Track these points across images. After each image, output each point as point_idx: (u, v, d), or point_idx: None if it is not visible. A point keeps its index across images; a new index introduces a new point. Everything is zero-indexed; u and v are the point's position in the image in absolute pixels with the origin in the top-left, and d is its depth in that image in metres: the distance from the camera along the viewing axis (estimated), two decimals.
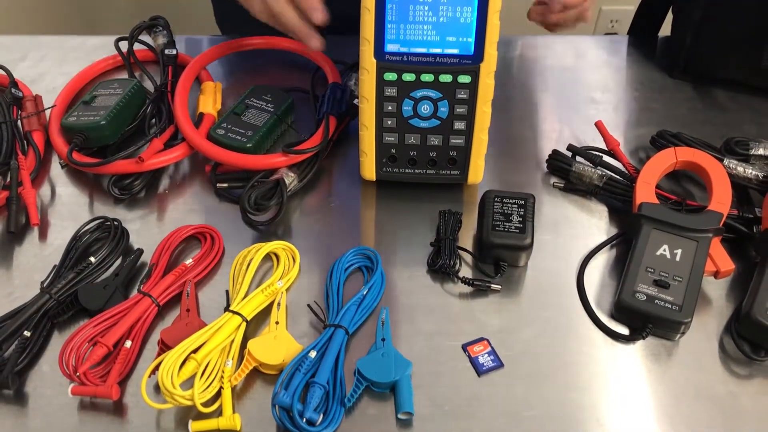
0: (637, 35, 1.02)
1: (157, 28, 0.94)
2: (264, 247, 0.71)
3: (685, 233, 0.70)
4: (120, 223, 0.73)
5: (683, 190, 0.80)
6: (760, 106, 0.90)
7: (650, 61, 0.97)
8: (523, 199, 0.72)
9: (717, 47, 0.89)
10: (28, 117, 0.83)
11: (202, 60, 0.90)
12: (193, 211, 0.78)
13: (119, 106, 0.81)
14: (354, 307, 0.66)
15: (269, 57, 0.96)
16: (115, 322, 0.65)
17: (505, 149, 0.85)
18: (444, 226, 0.74)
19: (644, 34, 1.01)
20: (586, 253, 0.73)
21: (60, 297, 0.66)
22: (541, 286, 0.71)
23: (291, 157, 0.77)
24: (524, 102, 0.92)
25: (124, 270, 0.70)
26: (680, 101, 0.91)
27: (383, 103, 0.71)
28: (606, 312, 0.69)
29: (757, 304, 0.65)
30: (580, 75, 0.96)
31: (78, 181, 0.80)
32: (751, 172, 0.77)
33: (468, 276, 0.70)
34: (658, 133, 0.82)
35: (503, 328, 0.67)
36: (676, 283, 0.67)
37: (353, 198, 0.80)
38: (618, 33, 1.95)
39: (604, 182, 0.77)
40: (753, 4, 0.84)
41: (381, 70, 0.69)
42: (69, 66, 0.93)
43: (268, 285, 0.68)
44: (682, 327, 0.65)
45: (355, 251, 0.72)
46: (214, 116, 0.84)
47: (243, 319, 0.65)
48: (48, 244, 0.74)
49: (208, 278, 0.71)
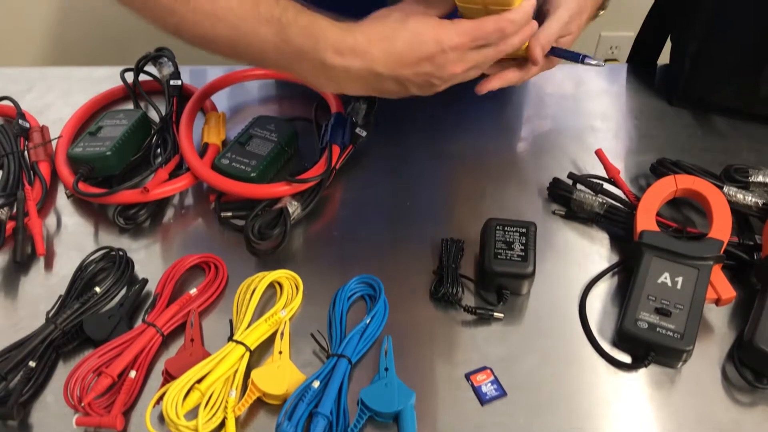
0: (636, 63, 1.03)
1: (163, 59, 0.95)
2: (267, 276, 0.72)
3: (686, 261, 0.70)
4: (125, 252, 0.74)
5: (684, 217, 0.80)
6: (758, 133, 0.91)
7: (649, 88, 0.98)
8: (525, 227, 0.73)
9: (715, 76, 0.90)
10: (35, 148, 0.84)
11: (207, 91, 0.91)
12: (198, 240, 0.79)
13: (125, 137, 0.82)
14: (357, 336, 0.67)
15: (272, 87, 0.97)
16: (119, 352, 0.65)
17: (506, 177, 0.86)
18: (446, 254, 0.74)
19: (643, 62, 1.03)
20: (587, 280, 0.74)
21: (65, 327, 0.67)
22: (543, 314, 0.71)
23: (294, 186, 0.78)
24: (525, 130, 0.93)
25: (129, 300, 0.70)
26: (680, 128, 0.92)
27: None
28: (608, 340, 0.69)
29: (759, 331, 0.65)
30: (580, 103, 0.96)
31: (83, 211, 0.81)
32: (751, 200, 0.77)
33: (471, 304, 0.71)
34: (658, 161, 0.82)
35: (506, 357, 0.68)
36: (678, 310, 0.67)
37: (356, 226, 0.80)
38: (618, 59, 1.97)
39: (605, 210, 0.78)
40: (749, 34, 0.85)
41: None
42: (75, 97, 0.94)
43: (271, 314, 0.68)
44: (684, 355, 0.65)
45: (357, 279, 0.73)
46: (219, 146, 0.85)
47: (246, 349, 0.65)
48: (54, 273, 0.75)
49: (212, 307, 0.72)
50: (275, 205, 0.78)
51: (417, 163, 0.87)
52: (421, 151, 0.89)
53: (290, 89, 0.96)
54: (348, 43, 0.64)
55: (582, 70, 1.02)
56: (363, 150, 0.86)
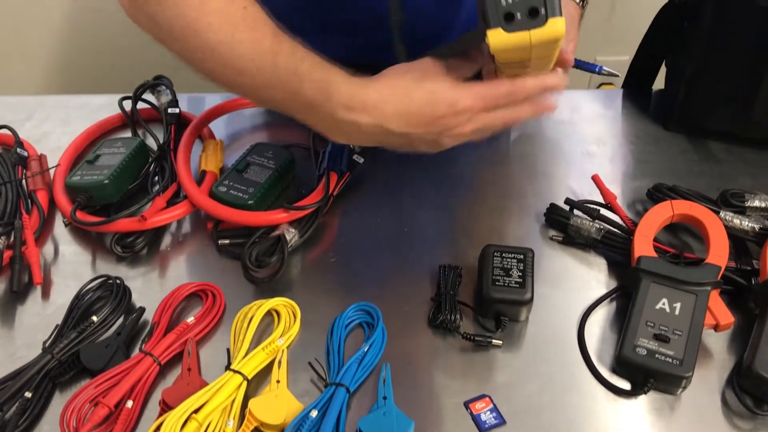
0: (632, 88, 1.04)
1: (161, 87, 0.96)
2: (265, 304, 0.72)
3: (684, 287, 0.70)
4: (122, 281, 0.74)
5: (681, 242, 0.80)
6: (754, 158, 0.91)
7: (645, 113, 0.99)
8: (523, 253, 0.73)
9: (710, 100, 0.91)
10: (33, 176, 0.84)
11: (205, 118, 0.92)
12: (195, 268, 0.78)
13: (122, 165, 0.82)
14: (355, 365, 0.66)
15: (271, 114, 0.98)
16: (116, 382, 0.65)
17: (503, 202, 0.86)
18: (444, 280, 0.74)
19: (639, 87, 1.03)
20: (586, 306, 0.74)
21: (62, 357, 0.66)
22: (542, 341, 0.71)
23: (292, 213, 0.78)
24: (521, 156, 0.93)
25: (126, 329, 0.70)
26: (675, 153, 0.93)
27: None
28: (607, 366, 0.69)
29: (759, 357, 0.65)
30: (577, 128, 0.97)
31: (81, 239, 0.81)
32: (748, 224, 0.77)
33: (469, 331, 0.71)
34: (654, 186, 0.83)
35: (505, 384, 0.67)
36: (677, 336, 0.67)
37: (354, 253, 0.80)
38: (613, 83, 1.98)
39: (602, 235, 0.78)
40: (742, 59, 0.86)
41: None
42: (73, 125, 0.95)
43: (269, 343, 0.68)
44: (683, 381, 0.65)
45: (355, 307, 0.72)
46: (216, 173, 0.85)
47: (244, 378, 0.65)
48: (51, 302, 0.75)
49: (209, 336, 0.72)
50: (273, 232, 0.78)
51: (414, 189, 0.88)
52: (418, 178, 0.89)
53: (287, 116, 0.96)
54: (359, 98, 0.64)
55: (577, 96, 1.03)
56: (360, 176, 0.87)
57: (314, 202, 0.79)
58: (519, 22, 0.57)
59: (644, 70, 1.02)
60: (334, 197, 0.83)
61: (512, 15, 0.57)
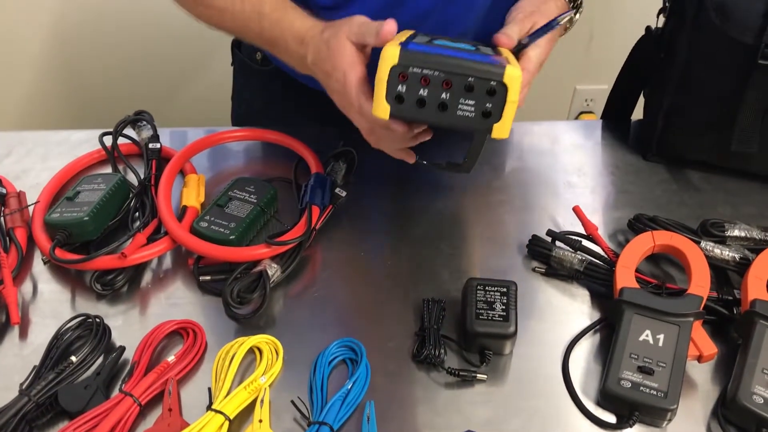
0: (611, 119, 1.05)
1: (142, 122, 0.95)
2: (247, 342, 0.71)
3: (667, 318, 0.70)
4: (102, 320, 0.73)
5: (662, 272, 0.81)
6: (733, 187, 0.92)
7: (624, 144, 1.00)
8: (506, 286, 0.73)
9: (688, 131, 0.92)
10: (12, 214, 0.83)
11: (186, 154, 0.91)
12: (176, 305, 0.78)
13: (102, 202, 0.82)
14: (339, 403, 0.66)
15: (252, 147, 0.98)
16: (96, 424, 0.64)
17: (485, 234, 0.86)
18: (428, 315, 0.74)
19: (617, 118, 1.04)
20: (570, 339, 0.74)
21: (39, 399, 0.65)
22: (526, 375, 0.71)
23: (274, 248, 0.78)
24: (503, 187, 0.93)
25: (106, 369, 0.69)
26: (655, 183, 0.93)
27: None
28: (592, 399, 0.69)
29: (742, 389, 0.65)
30: (557, 159, 0.98)
31: (60, 277, 0.80)
32: (728, 254, 0.78)
33: (453, 365, 0.70)
34: (635, 217, 0.83)
35: (490, 419, 0.67)
36: (660, 368, 0.67)
37: (337, 287, 0.80)
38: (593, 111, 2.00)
39: (584, 267, 0.78)
40: (718, 90, 0.87)
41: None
42: (53, 161, 0.94)
43: (251, 381, 0.67)
44: (668, 414, 0.65)
45: (338, 343, 0.72)
46: (198, 209, 0.85)
47: (226, 418, 0.64)
48: (28, 343, 0.73)
49: (190, 374, 0.71)
50: (254, 268, 0.78)
51: (396, 222, 0.88)
52: (399, 210, 0.89)
53: (271, 149, 0.96)
54: (307, 34, 0.75)
55: (557, 127, 1.03)
56: (343, 210, 0.86)
57: (296, 237, 0.79)
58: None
59: (623, 100, 1.03)
60: (317, 231, 0.83)
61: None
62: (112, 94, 1.74)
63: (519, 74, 0.65)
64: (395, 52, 0.65)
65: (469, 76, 0.65)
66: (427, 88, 0.66)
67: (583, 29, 1.83)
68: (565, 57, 0.89)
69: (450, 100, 0.66)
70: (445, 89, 0.66)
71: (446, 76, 0.65)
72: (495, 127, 0.67)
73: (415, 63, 0.65)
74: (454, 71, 0.65)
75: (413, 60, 0.66)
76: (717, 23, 0.83)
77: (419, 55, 0.66)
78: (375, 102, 0.67)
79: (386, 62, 0.65)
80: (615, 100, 1.04)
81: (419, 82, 0.66)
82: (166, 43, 1.70)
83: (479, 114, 0.67)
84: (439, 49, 0.68)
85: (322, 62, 0.73)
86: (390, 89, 0.66)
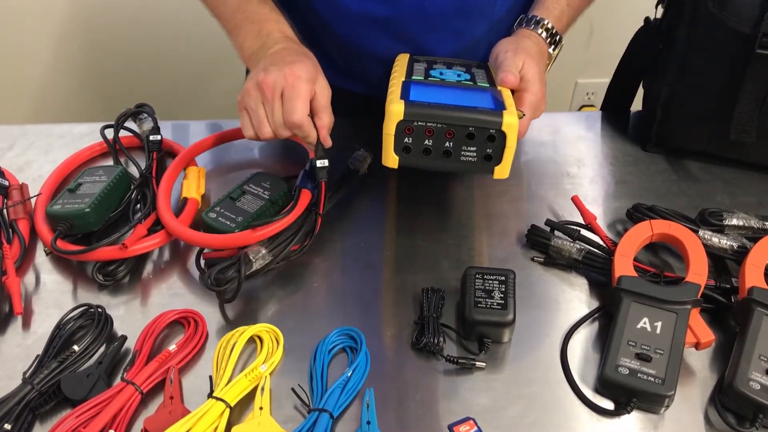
0: (610, 111, 1.05)
1: (143, 115, 0.96)
2: (247, 331, 0.71)
3: (665, 305, 0.70)
4: (104, 309, 0.73)
5: (661, 261, 0.81)
6: (732, 177, 0.92)
7: (624, 135, 1.00)
8: (504, 275, 0.73)
9: (686, 121, 0.93)
10: (14, 206, 0.84)
11: (193, 151, 0.91)
12: (177, 294, 0.78)
13: (104, 194, 0.82)
14: (338, 390, 0.66)
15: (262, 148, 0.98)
16: (98, 412, 0.64)
17: (485, 224, 0.87)
18: (427, 303, 0.75)
19: (617, 109, 1.05)
20: (568, 327, 0.74)
21: (42, 387, 0.66)
22: (525, 362, 0.71)
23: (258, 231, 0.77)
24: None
25: (108, 358, 0.70)
26: (654, 173, 0.94)
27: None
28: (590, 386, 0.69)
29: (739, 375, 0.65)
30: (557, 150, 0.98)
31: (62, 268, 0.81)
32: (726, 243, 0.78)
33: (452, 353, 0.71)
34: (633, 207, 0.84)
35: (489, 406, 0.67)
36: (658, 355, 0.67)
37: (337, 276, 0.80)
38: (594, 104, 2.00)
39: (583, 256, 0.78)
40: (717, 80, 0.87)
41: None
42: (55, 154, 0.95)
43: (251, 369, 0.68)
44: (666, 400, 0.65)
45: (338, 331, 0.72)
46: (198, 200, 0.85)
47: (227, 406, 0.64)
48: (31, 332, 0.74)
49: (192, 363, 0.71)
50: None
51: (396, 212, 0.88)
52: (400, 200, 0.89)
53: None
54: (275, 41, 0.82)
55: (558, 118, 1.04)
56: (342, 201, 0.87)
57: (278, 216, 0.78)
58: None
59: (622, 92, 1.04)
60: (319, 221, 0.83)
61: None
62: (113, 88, 1.75)
63: (516, 122, 0.70)
64: (400, 108, 0.71)
65: (470, 126, 0.71)
66: (432, 138, 0.72)
67: (583, 24, 1.84)
68: (565, 51, 0.89)
69: (453, 148, 0.72)
70: (449, 138, 0.72)
71: (449, 128, 0.71)
72: (496, 169, 0.73)
73: (420, 118, 0.71)
74: (455, 123, 0.71)
75: (417, 115, 0.71)
76: (715, 13, 0.83)
77: (423, 109, 0.71)
78: (384, 154, 0.73)
79: (392, 118, 0.71)
80: (614, 91, 1.05)
81: (424, 133, 0.72)
82: (176, 39, 1.69)
83: (481, 158, 0.73)
84: (439, 93, 0.74)
85: (287, 52, 0.80)
86: (397, 142, 0.72)
